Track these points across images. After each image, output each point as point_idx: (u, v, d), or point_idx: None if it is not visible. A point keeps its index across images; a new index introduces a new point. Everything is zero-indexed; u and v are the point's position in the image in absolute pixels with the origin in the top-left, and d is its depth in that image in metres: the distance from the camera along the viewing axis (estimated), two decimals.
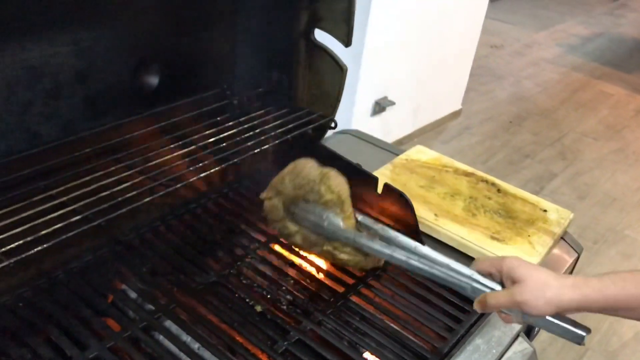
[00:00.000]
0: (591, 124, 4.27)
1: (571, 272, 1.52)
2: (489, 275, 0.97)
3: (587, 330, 0.91)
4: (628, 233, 3.27)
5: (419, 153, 1.69)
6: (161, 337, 1.08)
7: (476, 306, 0.97)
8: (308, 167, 1.15)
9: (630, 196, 3.49)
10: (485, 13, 3.72)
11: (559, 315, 0.91)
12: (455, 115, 4.04)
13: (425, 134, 3.78)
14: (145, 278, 1.19)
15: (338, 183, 1.14)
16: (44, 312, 1.08)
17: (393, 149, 1.76)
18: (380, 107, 3.20)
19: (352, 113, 3.05)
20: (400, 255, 1.05)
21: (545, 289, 0.88)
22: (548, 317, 0.91)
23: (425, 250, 1.05)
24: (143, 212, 1.28)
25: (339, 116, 1.46)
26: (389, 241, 1.10)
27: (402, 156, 1.66)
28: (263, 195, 1.21)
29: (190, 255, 1.26)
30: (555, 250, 1.47)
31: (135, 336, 1.06)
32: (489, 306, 0.94)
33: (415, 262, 1.03)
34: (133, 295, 1.16)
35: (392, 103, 3.25)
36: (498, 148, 3.84)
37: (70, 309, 1.09)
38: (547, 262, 1.41)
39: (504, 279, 0.94)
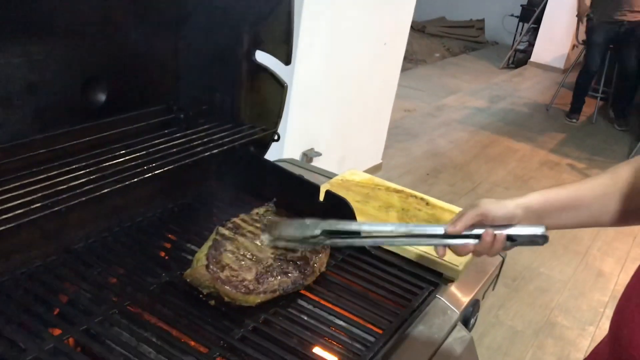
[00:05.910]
0: (501, 175, 4.58)
1: (497, 275, 1.64)
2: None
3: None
4: (542, 270, 3.50)
5: (353, 175, 1.79)
6: (117, 330, 1.08)
7: (449, 229, 1.04)
8: None
9: None
10: (398, 81, 4.00)
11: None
12: (376, 168, 4.22)
13: None
14: (96, 280, 1.19)
15: None
16: None
17: (327, 174, 1.86)
18: (307, 157, 3.33)
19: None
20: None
21: (505, 200, 1.04)
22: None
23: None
24: (91, 222, 1.30)
25: None
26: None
27: (338, 177, 1.76)
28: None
29: (139, 263, 1.28)
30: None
31: (92, 330, 1.06)
32: (460, 223, 1.03)
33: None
34: (85, 295, 1.16)
35: (319, 154, 3.39)
36: None
37: (22, 307, 1.08)
38: (476, 264, 1.52)
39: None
